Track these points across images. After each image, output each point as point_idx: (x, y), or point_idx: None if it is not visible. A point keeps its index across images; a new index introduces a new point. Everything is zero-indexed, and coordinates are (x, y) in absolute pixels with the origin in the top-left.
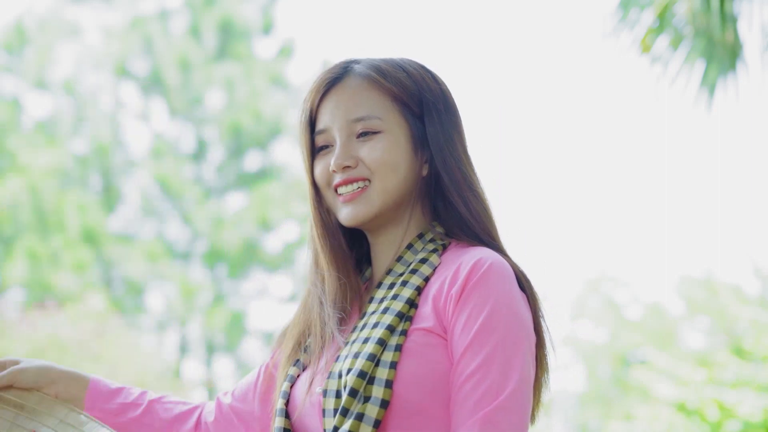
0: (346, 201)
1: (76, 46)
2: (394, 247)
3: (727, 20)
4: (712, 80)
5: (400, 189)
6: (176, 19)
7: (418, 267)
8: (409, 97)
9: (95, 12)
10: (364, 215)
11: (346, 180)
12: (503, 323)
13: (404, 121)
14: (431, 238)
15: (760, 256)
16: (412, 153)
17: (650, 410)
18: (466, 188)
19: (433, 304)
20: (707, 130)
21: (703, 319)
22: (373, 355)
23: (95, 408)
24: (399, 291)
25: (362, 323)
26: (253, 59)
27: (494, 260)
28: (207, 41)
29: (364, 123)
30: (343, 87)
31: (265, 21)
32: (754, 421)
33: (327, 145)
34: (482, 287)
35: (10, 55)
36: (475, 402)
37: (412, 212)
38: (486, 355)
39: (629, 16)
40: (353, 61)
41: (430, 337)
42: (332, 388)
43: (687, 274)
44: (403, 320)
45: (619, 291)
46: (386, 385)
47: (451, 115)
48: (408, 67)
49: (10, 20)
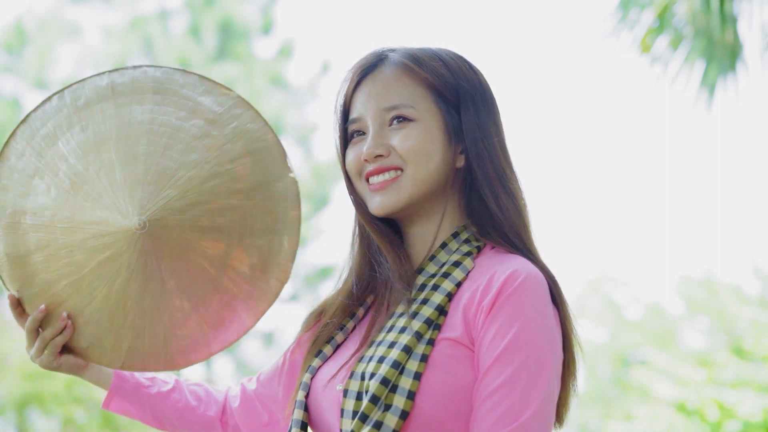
0: (375, 190)
1: (76, 46)
2: (427, 241)
3: (727, 20)
4: (712, 80)
5: (433, 179)
6: (176, 19)
7: (451, 270)
8: (444, 87)
9: (95, 12)
10: (394, 204)
11: (378, 169)
12: (532, 341)
13: (438, 111)
14: (466, 238)
15: (760, 256)
16: (446, 143)
17: (650, 410)
18: (497, 183)
19: (463, 313)
20: (707, 130)
21: (703, 319)
22: (398, 362)
23: (123, 381)
24: (429, 295)
25: (390, 324)
26: (252, 59)
27: (529, 273)
28: (207, 41)
29: (398, 111)
30: (376, 75)
31: (265, 21)
32: (754, 421)
33: (360, 131)
34: (514, 302)
35: (10, 55)
36: (495, 420)
37: (447, 206)
38: (511, 373)
39: (629, 16)
40: (389, 50)
41: (457, 348)
42: (353, 389)
43: (687, 274)
44: (431, 328)
45: (619, 291)
46: (408, 396)
47: (488, 107)
48: (445, 56)
49: (10, 20)
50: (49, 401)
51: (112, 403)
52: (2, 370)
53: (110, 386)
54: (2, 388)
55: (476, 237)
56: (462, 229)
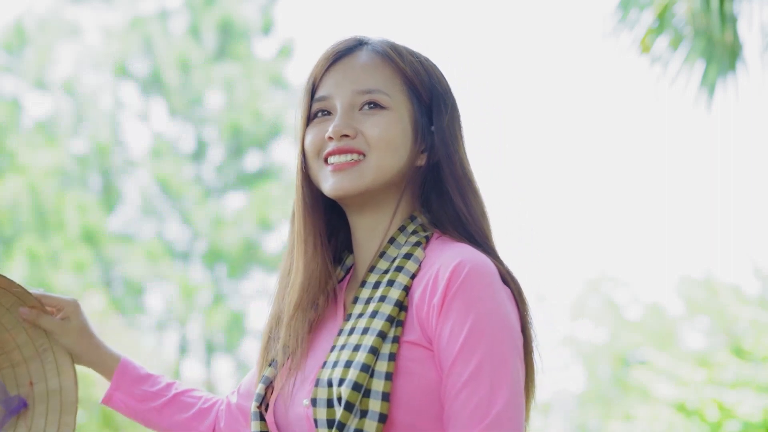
0: (334, 170)
1: (76, 46)
2: (377, 236)
3: (727, 20)
4: (711, 80)
5: (395, 171)
6: (176, 19)
7: (403, 263)
8: (420, 84)
9: (95, 12)
10: (352, 188)
11: (341, 149)
12: (488, 332)
13: (411, 105)
14: (413, 229)
15: (760, 256)
16: (413, 138)
17: (650, 410)
18: (467, 185)
19: (416, 313)
20: (707, 130)
21: (703, 319)
22: (366, 365)
23: (120, 389)
24: (386, 292)
25: (350, 326)
26: (252, 59)
27: (474, 262)
28: (207, 41)
29: (372, 96)
30: (354, 59)
31: (265, 21)
32: (753, 422)
33: (325, 111)
34: (463, 295)
35: (10, 55)
36: (467, 419)
37: (401, 201)
38: (474, 369)
39: (629, 16)
40: (368, 38)
41: (418, 350)
42: (322, 397)
43: (687, 274)
44: (393, 325)
45: (619, 291)
46: (383, 398)
47: (457, 116)
48: (422, 57)
49: (10, 20)
50: None
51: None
52: None
53: (113, 378)
54: None
55: (424, 228)
56: (408, 222)
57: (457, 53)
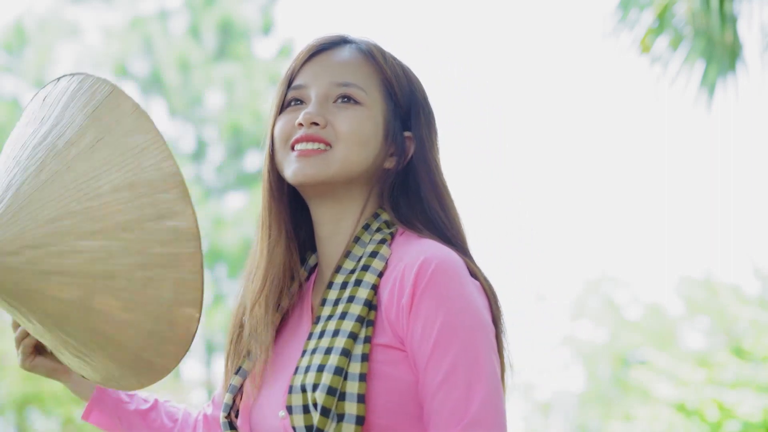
0: (299, 156)
1: (76, 46)
2: (341, 233)
3: (727, 20)
4: (711, 80)
5: (360, 167)
6: (176, 19)
7: (370, 262)
8: (399, 89)
9: (95, 12)
10: (315, 175)
11: (308, 136)
12: (460, 328)
13: (386, 106)
14: (377, 227)
15: (760, 256)
16: (383, 139)
17: (650, 410)
18: (444, 192)
19: (385, 315)
20: (707, 130)
21: (703, 319)
22: (340, 368)
23: (107, 389)
24: (354, 292)
25: (319, 329)
26: (252, 59)
27: (439, 258)
28: (207, 41)
29: (348, 89)
30: (336, 53)
31: (265, 21)
32: (753, 422)
33: (298, 100)
34: (431, 293)
35: (10, 55)
36: (446, 419)
37: (367, 204)
38: (448, 368)
39: (629, 16)
40: (354, 38)
41: (391, 353)
42: (297, 404)
43: (687, 274)
44: (364, 325)
45: (619, 291)
46: (359, 400)
47: (434, 125)
48: (405, 65)
49: (10, 20)
50: (49, 401)
51: (92, 415)
52: (2, 370)
53: (91, 398)
54: (2, 388)
55: (387, 224)
56: (372, 220)
57: (457, 53)
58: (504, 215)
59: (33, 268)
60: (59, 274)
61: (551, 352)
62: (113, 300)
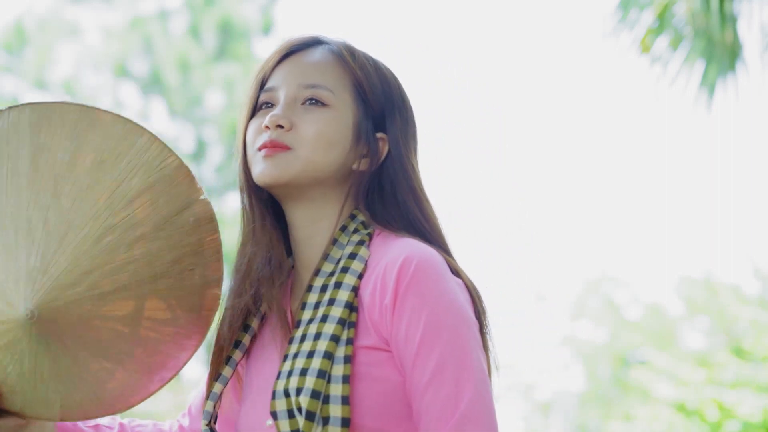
0: (265, 156)
1: (76, 46)
2: (317, 235)
3: (727, 20)
4: (711, 80)
5: (326, 169)
6: (176, 19)
7: (349, 264)
8: (370, 91)
9: (95, 12)
10: (279, 176)
11: (273, 142)
12: (445, 326)
13: (355, 108)
14: (354, 228)
15: (760, 256)
16: (353, 141)
17: (650, 410)
18: (421, 194)
19: (368, 316)
20: (707, 130)
21: (703, 319)
22: (323, 371)
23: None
24: (334, 294)
25: (300, 333)
26: (252, 59)
27: (420, 257)
28: (207, 41)
29: (314, 91)
30: (306, 54)
31: (265, 21)
32: (753, 422)
33: (269, 103)
34: (414, 292)
35: (10, 55)
36: (436, 418)
37: (345, 204)
38: (435, 366)
39: (629, 16)
40: (327, 38)
41: (375, 354)
42: (281, 409)
43: (687, 274)
44: (345, 327)
45: (619, 291)
46: (343, 402)
47: (412, 126)
48: (380, 65)
49: (10, 20)
50: None
51: None
52: None
53: None
54: None
55: (365, 225)
56: (349, 221)
57: (457, 53)
58: (504, 215)
59: (92, 294)
60: (115, 292)
61: (551, 352)
62: (159, 302)
